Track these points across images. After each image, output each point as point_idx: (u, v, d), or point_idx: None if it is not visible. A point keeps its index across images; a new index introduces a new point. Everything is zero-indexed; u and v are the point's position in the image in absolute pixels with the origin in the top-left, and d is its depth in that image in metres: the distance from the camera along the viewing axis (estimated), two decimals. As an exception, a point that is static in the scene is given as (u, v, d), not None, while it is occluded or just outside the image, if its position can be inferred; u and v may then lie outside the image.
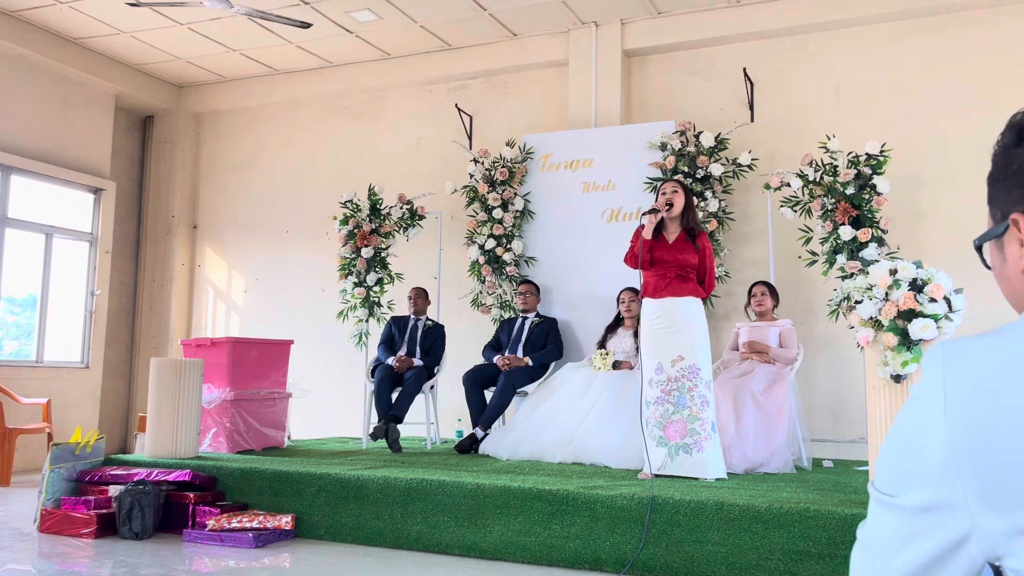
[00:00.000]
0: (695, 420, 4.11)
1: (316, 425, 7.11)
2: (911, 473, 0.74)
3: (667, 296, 4.25)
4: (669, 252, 4.29)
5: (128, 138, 8.45)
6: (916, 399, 0.76)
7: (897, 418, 0.78)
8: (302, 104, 8.06)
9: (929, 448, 0.72)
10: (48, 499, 4.32)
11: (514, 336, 5.95)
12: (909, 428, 0.76)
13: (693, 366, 4.16)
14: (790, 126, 6.21)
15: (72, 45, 7.34)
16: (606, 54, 6.71)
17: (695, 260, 4.28)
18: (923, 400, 0.75)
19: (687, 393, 4.14)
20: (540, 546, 3.60)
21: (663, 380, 4.20)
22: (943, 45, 5.92)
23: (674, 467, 4.12)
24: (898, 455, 0.76)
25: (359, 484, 4.06)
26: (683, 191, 4.39)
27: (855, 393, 5.64)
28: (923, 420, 0.74)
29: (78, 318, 7.65)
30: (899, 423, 0.77)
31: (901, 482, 0.75)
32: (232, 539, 3.91)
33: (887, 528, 0.76)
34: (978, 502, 0.69)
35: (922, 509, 0.73)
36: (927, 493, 0.72)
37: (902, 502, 0.74)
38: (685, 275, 4.27)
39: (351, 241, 6.29)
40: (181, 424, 4.80)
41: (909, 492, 0.74)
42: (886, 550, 0.76)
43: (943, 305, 3.18)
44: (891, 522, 0.75)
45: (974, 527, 0.70)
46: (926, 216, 5.79)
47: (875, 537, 0.77)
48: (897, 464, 0.76)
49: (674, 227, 4.38)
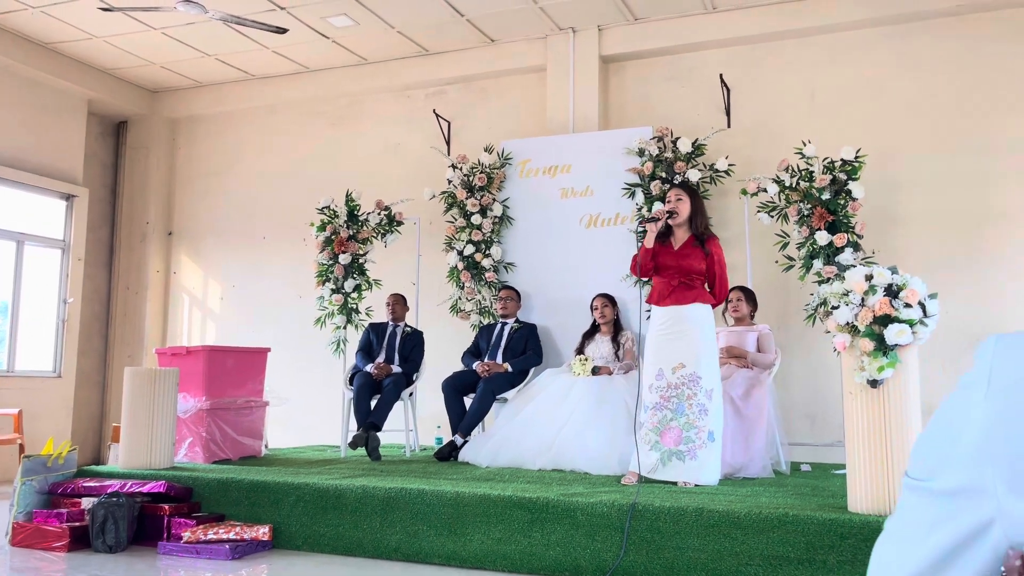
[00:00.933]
0: (691, 428, 4.09)
1: (294, 433, 7.05)
2: (946, 457, 0.75)
3: (671, 304, 4.21)
4: (674, 258, 4.23)
5: (101, 144, 8.34)
6: (961, 386, 0.77)
7: (940, 406, 0.79)
8: (279, 109, 8.01)
9: (966, 433, 0.73)
10: (19, 512, 4.24)
11: (493, 342, 5.93)
12: (950, 414, 0.77)
13: (694, 374, 4.12)
14: (766, 131, 6.26)
15: (44, 50, 7.23)
16: (583, 60, 6.73)
17: (702, 266, 4.20)
18: (968, 387, 0.76)
19: (686, 401, 4.11)
20: (520, 554, 3.59)
21: (663, 386, 4.17)
22: (916, 51, 6.00)
23: (664, 472, 4.10)
24: (936, 439, 0.77)
25: (337, 493, 4.02)
26: (688, 197, 4.31)
27: (832, 397, 5.69)
28: (964, 406, 0.75)
29: (50, 326, 7.53)
30: (941, 410, 0.78)
31: (936, 466, 0.76)
32: (208, 551, 3.86)
33: (915, 514, 0.76)
34: (1005, 486, 0.70)
35: (952, 492, 0.73)
36: (959, 476, 0.73)
37: (934, 486, 0.75)
38: (690, 282, 4.20)
39: (328, 247, 6.25)
40: (156, 434, 4.74)
41: (942, 476, 0.74)
42: (912, 536, 0.76)
43: (918, 310, 3.21)
44: (920, 507, 0.76)
45: (1000, 511, 0.70)
46: (900, 220, 5.85)
47: (903, 524, 0.78)
48: (934, 448, 0.77)
49: (681, 233, 4.32)
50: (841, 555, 3.07)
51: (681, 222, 4.30)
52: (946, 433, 0.76)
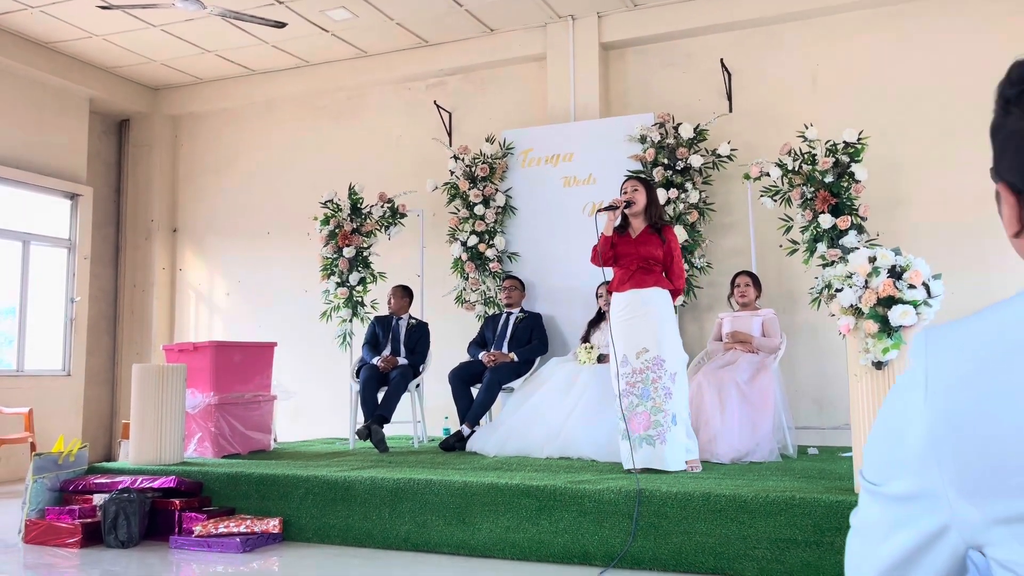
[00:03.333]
0: (658, 412, 4.09)
1: (302, 427, 7.09)
2: (893, 462, 0.74)
3: (630, 288, 4.26)
4: (632, 246, 4.30)
5: (104, 142, 8.36)
6: (899, 387, 0.76)
7: (882, 406, 0.78)
8: (279, 104, 8.01)
9: (910, 437, 0.72)
10: (32, 510, 4.27)
11: (499, 332, 5.94)
12: (892, 416, 0.76)
13: (657, 358, 4.14)
14: (768, 115, 6.24)
15: (44, 50, 7.24)
16: (583, 48, 6.71)
17: (659, 253, 4.28)
18: (905, 388, 0.75)
19: (651, 385, 4.13)
20: (529, 542, 3.61)
21: (628, 372, 4.19)
22: (918, 31, 5.96)
23: (638, 459, 4.08)
24: (882, 443, 0.76)
25: (346, 485, 4.05)
26: (643, 188, 4.40)
27: (838, 380, 5.68)
28: (905, 408, 0.74)
29: (58, 326, 7.57)
30: (883, 411, 0.77)
31: (884, 471, 0.75)
32: (220, 544, 3.89)
33: (874, 516, 0.76)
34: (956, 492, 0.69)
35: (904, 498, 0.73)
36: (908, 482, 0.72)
37: (886, 491, 0.75)
38: (648, 267, 4.26)
39: (332, 241, 6.26)
40: (165, 430, 4.77)
41: (892, 481, 0.74)
42: (874, 538, 0.76)
43: (922, 291, 3.20)
44: (877, 510, 0.76)
45: (953, 517, 0.70)
46: (904, 202, 5.83)
47: (864, 525, 0.78)
48: (881, 453, 0.76)
49: (638, 223, 4.39)
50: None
51: (638, 211, 4.36)
52: (890, 436, 0.75)
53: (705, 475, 3.96)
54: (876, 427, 0.78)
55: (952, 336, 0.73)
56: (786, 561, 3.17)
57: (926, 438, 0.71)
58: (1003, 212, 0.80)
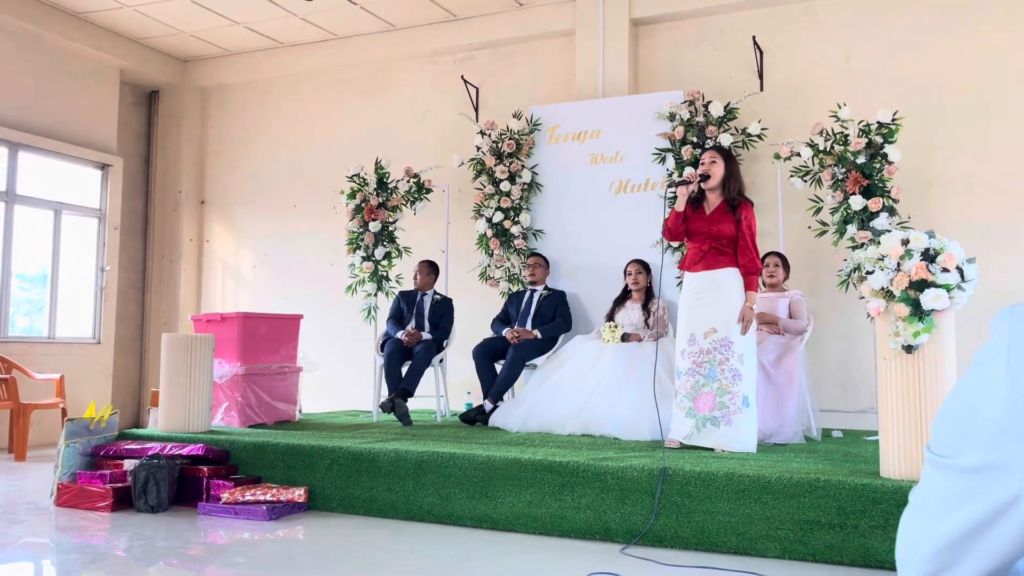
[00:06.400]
0: (724, 393, 4.10)
1: (327, 399, 7.16)
2: (968, 434, 0.74)
3: (702, 269, 4.21)
4: (705, 224, 4.21)
5: (134, 113, 8.42)
6: (979, 360, 0.75)
7: (959, 381, 0.78)
8: (307, 77, 8.01)
9: (987, 408, 0.72)
10: (64, 473, 4.37)
11: (523, 309, 5.95)
12: (970, 389, 0.75)
13: (726, 339, 4.12)
14: (800, 94, 6.14)
15: (76, 19, 7.29)
16: (613, 23, 6.63)
17: (732, 232, 4.16)
18: (986, 361, 0.74)
19: (718, 366, 4.12)
20: (551, 517, 3.63)
21: (695, 352, 4.18)
22: (954, 7, 5.83)
23: (700, 438, 4.12)
24: (956, 416, 0.76)
25: (371, 457, 4.09)
26: (723, 160, 4.25)
27: (864, 364, 5.64)
28: (984, 380, 0.74)
29: (89, 294, 7.69)
30: (960, 384, 0.77)
31: (957, 443, 0.75)
32: (246, 512, 3.96)
33: (939, 489, 0.76)
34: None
35: (975, 470, 0.72)
36: (981, 453, 0.72)
37: (956, 463, 0.74)
38: (721, 248, 4.18)
39: (358, 215, 6.28)
40: (193, 399, 4.84)
41: (964, 453, 0.74)
42: (937, 511, 0.76)
43: (955, 275, 3.16)
44: (943, 483, 0.75)
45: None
46: (937, 184, 5.73)
47: (926, 499, 0.77)
48: (955, 425, 0.76)
49: (714, 198, 4.27)
50: (873, 520, 3.07)
51: (714, 186, 4.25)
52: (966, 409, 0.75)
53: (729, 455, 3.95)
54: (950, 400, 0.77)
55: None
56: (809, 543, 3.16)
57: (1005, 410, 0.71)
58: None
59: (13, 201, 7.03)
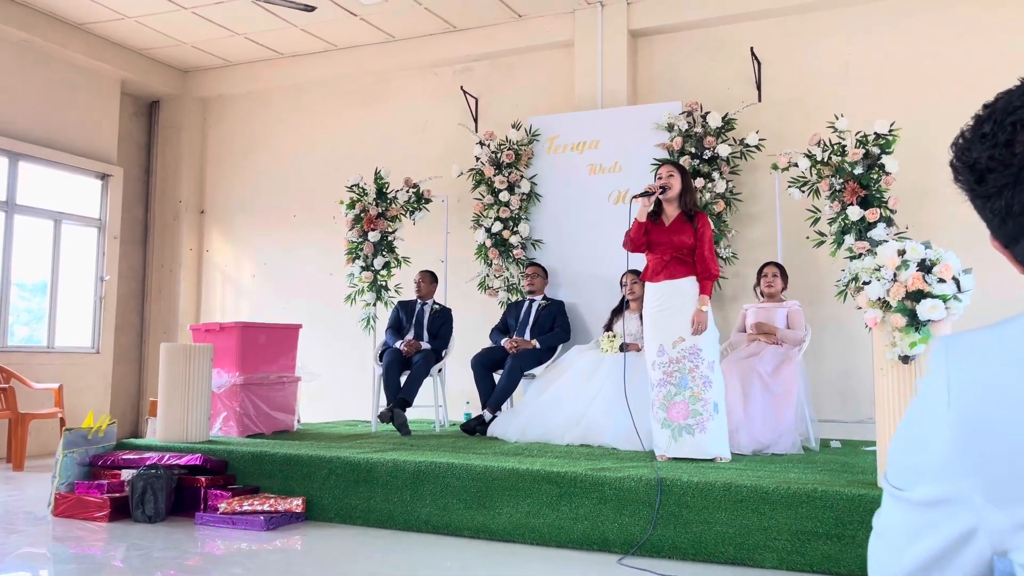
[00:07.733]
0: (697, 401, 4.13)
1: (325, 409, 7.16)
2: (918, 468, 0.74)
3: (664, 279, 4.27)
4: (665, 234, 4.30)
5: (135, 123, 8.45)
6: (922, 394, 0.76)
7: (906, 412, 0.79)
8: (307, 88, 8.04)
9: (934, 443, 0.73)
10: (62, 483, 4.36)
11: (521, 319, 5.96)
12: (915, 423, 0.76)
13: (694, 347, 4.16)
14: (798, 105, 6.17)
15: (77, 31, 7.33)
16: (612, 34, 6.67)
17: (692, 241, 4.26)
18: (928, 395, 0.75)
19: (688, 374, 4.15)
20: (549, 528, 3.63)
21: (665, 362, 4.22)
22: (952, 20, 5.86)
23: (677, 449, 4.15)
24: (905, 449, 0.77)
25: (369, 467, 4.09)
26: (679, 174, 4.38)
27: (862, 374, 5.64)
28: (928, 415, 0.74)
29: (88, 304, 7.69)
30: (907, 418, 0.78)
31: (909, 476, 0.75)
32: (244, 522, 3.96)
33: (897, 520, 0.77)
34: (982, 497, 0.70)
35: (929, 503, 0.73)
36: (933, 488, 0.73)
37: (910, 496, 0.75)
38: (682, 257, 4.27)
39: (358, 225, 6.29)
40: (191, 409, 4.84)
41: (916, 486, 0.74)
42: (898, 542, 0.77)
43: (952, 286, 3.17)
44: (901, 515, 0.76)
45: (980, 521, 0.70)
46: (935, 195, 5.74)
47: (887, 529, 0.78)
48: (905, 458, 0.77)
49: (671, 210, 4.37)
50: (870, 531, 3.06)
51: (672, 197, 4.34)
52: (914, 442, 0.75)
53: (726, 466, 3.95)
54: (899, 433, 0.78)
55: (973, 343, 0.74)
56: (806, 553, 3.16)
57: (951, 445, 0.71)
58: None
59: (13, 211, 7.05)
